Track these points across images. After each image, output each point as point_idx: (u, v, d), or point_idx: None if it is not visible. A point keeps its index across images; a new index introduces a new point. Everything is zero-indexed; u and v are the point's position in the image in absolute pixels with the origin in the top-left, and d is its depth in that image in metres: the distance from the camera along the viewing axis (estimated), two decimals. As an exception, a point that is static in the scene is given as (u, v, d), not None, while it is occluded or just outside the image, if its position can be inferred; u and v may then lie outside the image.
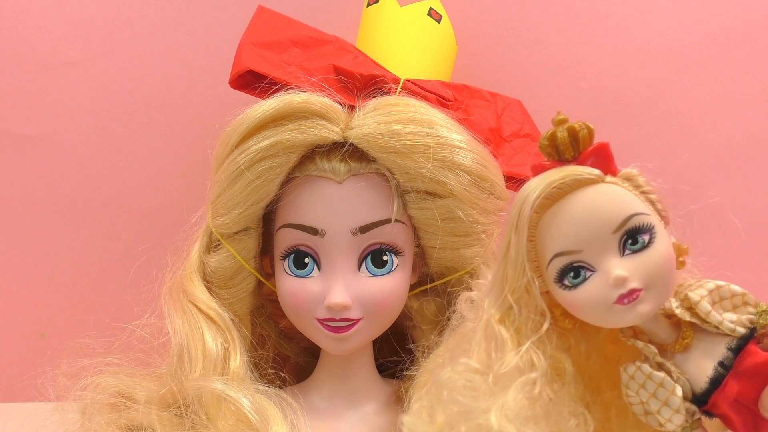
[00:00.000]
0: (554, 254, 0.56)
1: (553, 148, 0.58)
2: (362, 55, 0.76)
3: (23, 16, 0.94)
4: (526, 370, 0.57)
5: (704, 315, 0.57)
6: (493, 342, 0.58)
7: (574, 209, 0.56)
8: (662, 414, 0.57)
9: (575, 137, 0.57)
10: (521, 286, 0.58)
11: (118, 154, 0.96)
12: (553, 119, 0.58)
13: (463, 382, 0.58)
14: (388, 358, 0.78)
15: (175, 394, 0.69)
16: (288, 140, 0.68)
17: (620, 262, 0.55)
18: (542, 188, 0.56)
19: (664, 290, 0.56)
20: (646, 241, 0.56)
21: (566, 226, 0.56)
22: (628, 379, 0.59)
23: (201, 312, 0.72)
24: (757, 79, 0.92)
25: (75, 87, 0.95)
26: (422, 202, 0.70)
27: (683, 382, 0.57)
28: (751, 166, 0.93)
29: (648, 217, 0.56)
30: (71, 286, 0.98)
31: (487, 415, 0.55)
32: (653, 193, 0.59)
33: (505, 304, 0.58)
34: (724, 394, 0.56)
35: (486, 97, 0.80)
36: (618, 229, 0.55)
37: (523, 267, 0.57)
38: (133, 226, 0.97)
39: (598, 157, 0.57)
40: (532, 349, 0.58)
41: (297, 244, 0.71)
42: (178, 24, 0.94)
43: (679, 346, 0.58)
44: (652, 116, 0.93)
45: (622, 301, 0.55)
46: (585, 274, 0.56)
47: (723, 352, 0.56)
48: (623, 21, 0.92)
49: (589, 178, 0.56)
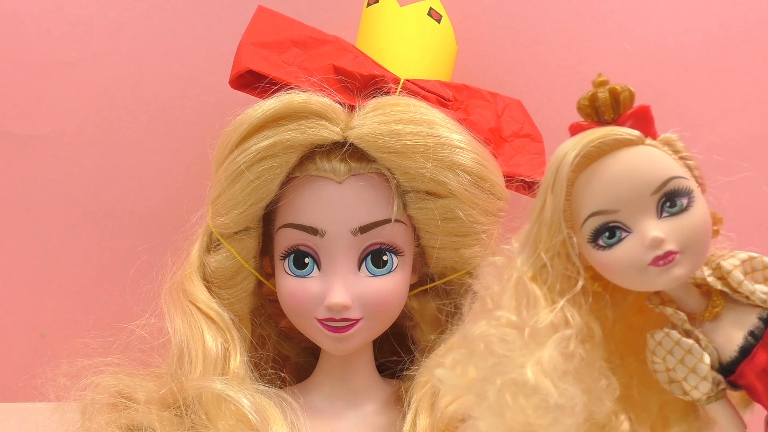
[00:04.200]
0: (590, 213, 0.56)
1: (593, 109, 0.57)
2: (362, 55, 0.76)
3: (23, 16, 0.94)
4: (560, 327, 0.56)
5: (736, 284, 0.56)
6: (525, 299, 0.57)
7: (612, 169, 0.55)
8: (689, 381, 0.57)
9: (616, 99, 0.57)
10: (556, 244, 0.57)
11: (119, 154, 0.96)
12: (594, 81, 0.57)
13: (499, 336, 0.57)
14: (388, 358, 0.78)
15: (175, 394, 0.69)
16: (288, 140, 0.68)
17: (657, 224, 0.55)
18: (581, 147, 0.55)
19: (700, 255, 0.56)
20: (685, 204, 0.55)
21: (604, 185, 0.55)
22: (655, 345, 0.58)
23: (201, 312, 0.72)
24: (757, 79, 0.92)
25: (75, 87, 0.95)
26: (422, 202, 0.70)
27: (711, 350, 0.57)
28: (751, 166, 0.93)
29: (687, 181, 0.56)
30: (71, 286, 0.98)
31: (522, 369, 0.55)
32: (691, 159, 0.58)
33: (538, 262, 0.58)
34: (753, 364, 0.55)
35: (486, 97, 0.80)
36: (657, 191, 0.55)
37: (559, 225, 0.56)
38: (133, 226, 0.97)
39: (638, 120, 0.57)
40: (566, 307, 0.57)
41: (297, 244, 0.71)
42: (178, 24, 0.94)
43: (709, 314, 0.57)
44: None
45: (657, 263, 0.54)
46: (620, 234, 0.55)
47: (754, 322, 0.56)
48: (623, 21, 0.92)
49: (629, 138, 0.56)
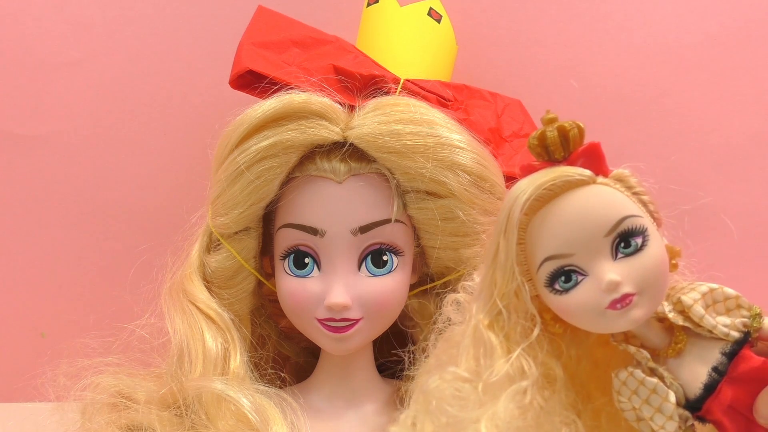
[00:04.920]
0: (545, 258, 0.55)
1: (542, 148, 0.56)
2: (362, 55, 0.76)
3: (23, 16, 0.94)
4: (516, 378, 0.55)
5: (698, 319, 0.55)
6: (482, 348, 0.56)
7: (565, 211, 0.54)
8: (655, 420, 0.56)
9: (565, 137, 0.55)
10: (511, 290, 0.56)
11: (118, 154, 0.96)
12: (543, 118, 0.56)
13: (452, 391, 0.56)
14: (388, 358, 0.78)
15: (175, 394, 0.69)
16: (288, 140, 0.68)
17: (613, 266, 0.54)
18: (532, 190, 0.54)
19: (658, 294, 0.55)
20: (639, 244, 0.54)
21: (557, 229, 0.54)
22: (620, 384, 0.57)
23: (201, 312, 0.72)
24: (757, 79, 0.92)
25: (75, 87, 0.95)
26: (422, 202, 0.70)
27: (676, 387, 0.56)
28: (751, 166, 0.93)
29: (641, 220, 0.54)
30: (71, 286, 0.98)
31: (477, 425, 0.54)
32: (645, 194, 0.57)
33: (494, 310, 0.57)
34: (719, 401, 0.54)
35: (486, 97, 0.80)
36: (610, 232, 0.54)
37: (513, 271, 0.56)
38: (133, 226, 0.97)
39: (589, 158, 0.56)
40: (522, 356, 0.56)
41: (297, 244, 0.71)
42: (178, 24, 0.94)
43: (672, 350, 0.56)
44: (652, 116, 0.93)
45: (615, 306, 0.53)
46: (576, 278, 0.54)
47: (717, 357, 0.55)
48: (623, 21, 0.92)
49: (580, 179, 0.55)
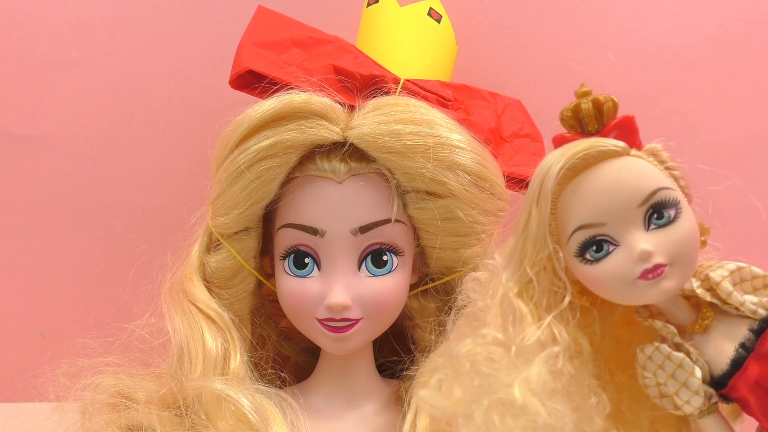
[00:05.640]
0: (576, 227, 0.55)
1: (576, 120, 0.56)
2: (362, 55, 0.76)
3: (23, 16, 0.94)
4: (548, 344, 0.55)
5: (725, 296, 0.56)
6: (511, 316, 0.56)
7: (598, 181, 0.54)
8: (680, 395, 0.56)
9: (600, 109, 0.56)
10: (541, 259, 0.56)
11: (118, 154, 0.96)
12: (577, 91, 0.56)
13: (485, 354, 0.56)
14: (388, 358, 0.78)
15: (175, 394, 0.69)
16: (288, 140, 0.68)
17: (645, 236, 0.54)
18: (566, 159, 0.54)
19: (689, 267, 0.55)
20: (672, 216, 0.54)
21: (590, 198, 0.54)
22: (646, 359, 0.57)
23: (201, 312, 0.72)
24: (757, 79, 0.92)
25: (75, 87, 0.95)
26: (422, 202, 0.70)
27: (702, 363, 0.56)
28: (751, 166, 0.93)
29: (674, 192, 0.55)
30: (71, 286, 0.98)
31: (509, 389, 0.54)
32: (677, 169, 0.57)
33: (524, 278, 0.57)
34: (745, 377, 0.54)
35: (486, 97, 0.80)
36: (644, 202, 0.54)
37: (545, 239, 0.55)
38: (133, 226, 0.97)
39: (623, 131, 0.56)
40: (553, 323, 0.56)
41: (297, 244, 0.71)
42: (178, 24, 0.94)
43: (699, 327, 0.57)
44: (652, 116, 0.93)
45: (646, 276, 0.53)
46: (608, 248, 0.54)
47: (745, 334, 0.55)
48: (623, 21, 0.92)
49: (615, 150, 0.55)
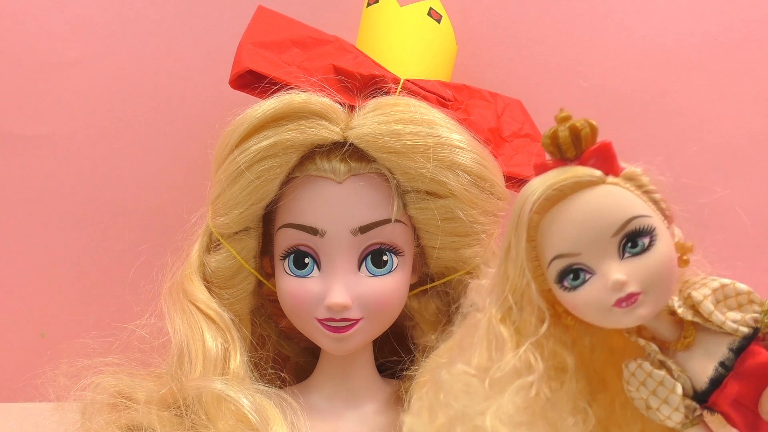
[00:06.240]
0: (554, 256, 0.56)
1: (555, 146, 0.57)
2: (362, 55, 0.76)
3: (23, 16, 0.94)
4: (523, 373, 0.57)
5: (707, 315, 0.56)
6: (494, 341, 0.58)
7: (574, 212, 0.55)
8: (662, 411, 0.57)
9: (577, 136, 0.56)
10: (522, 285, 0.58)
11: (118, 154, 0.96)
12: (556, 116, 0.57)
13: (460, 386, 0.58)
14: (388, 358, 0.78)
15: (175, 394, 0.69)
16: (288, 140, 0.68)
17: (619, 266, 0.55)
18: (542, 190, 0.56)
19: (664, 293, 0.56)
20: (646, 244, 0.55)
21: (566, 228, 0.56)
22: (629, 375, 0.59)
23: (201, 312, 0.72)
24: (757, 79, 0.92)
25: (75, 87, 0.95)
26: (422, 202, 0.70)
27: (684, 380, 0.57)
28: (751, 166, 0.93)
29: (648, 219, 0.55)
30: (71, 286, 0.98)
31: (482, 416, 0.56)
32: (656, 192, 0.58)
33: (505, 304, 0.58)
34: (724, 395, 0.56)
35: (486, 97, 0.80)
36: (617, 232, 0.55)
37: (523, 267, 0.57)
38: (133, 226, 0.97)
39: (600, 157, 0.57)
40: (530, 350, 0.57)
41: (297, 244, 0.71)
42: (178, 24, 0.94)
43: (681, 344, 0.58)
44: (652, 116, 0.93)
45: (621, 305, 0.55)
46: (584, 276, 0.56)
47: (724, 353, 0.56)
48: (623, 21, 0.92)
49: (590, 180, 0.56)
